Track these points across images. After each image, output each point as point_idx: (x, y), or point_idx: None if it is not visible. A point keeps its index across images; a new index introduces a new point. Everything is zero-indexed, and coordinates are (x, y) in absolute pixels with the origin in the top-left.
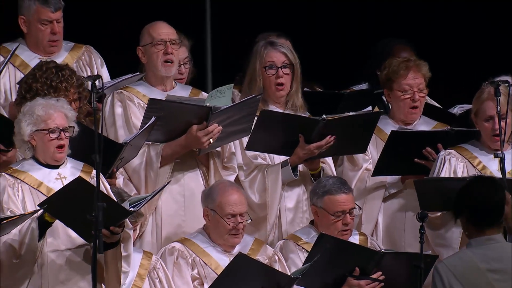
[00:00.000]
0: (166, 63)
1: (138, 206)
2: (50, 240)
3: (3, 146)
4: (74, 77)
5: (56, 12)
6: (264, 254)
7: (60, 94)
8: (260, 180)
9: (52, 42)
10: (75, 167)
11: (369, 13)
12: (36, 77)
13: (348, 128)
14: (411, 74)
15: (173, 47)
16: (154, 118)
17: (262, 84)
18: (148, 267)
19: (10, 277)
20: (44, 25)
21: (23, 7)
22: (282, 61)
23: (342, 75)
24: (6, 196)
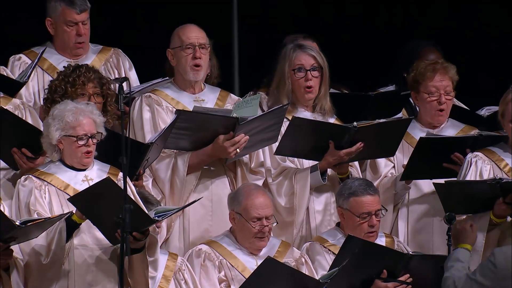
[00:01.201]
0: (195, 67)
1: (163, 217)
2: (77, 239)
3: (30, 154)
4: (92, 73)
5: (82, 13)
6: (291, 257)
7: (78, 88)
8: (288, 184)
9: (78, 44)
10: (101, 169)
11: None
12: (56, 77)
13: (379, 134)
14: (437, 76)
15: (202, 51)
16: (176, 116)
17: (291, 87)
18: (173, 268)
19: (39, 278)
20: (69, 26)
21: (49, 9)
22: (311, 64)
23: (369, 77)
24: (33, 198)
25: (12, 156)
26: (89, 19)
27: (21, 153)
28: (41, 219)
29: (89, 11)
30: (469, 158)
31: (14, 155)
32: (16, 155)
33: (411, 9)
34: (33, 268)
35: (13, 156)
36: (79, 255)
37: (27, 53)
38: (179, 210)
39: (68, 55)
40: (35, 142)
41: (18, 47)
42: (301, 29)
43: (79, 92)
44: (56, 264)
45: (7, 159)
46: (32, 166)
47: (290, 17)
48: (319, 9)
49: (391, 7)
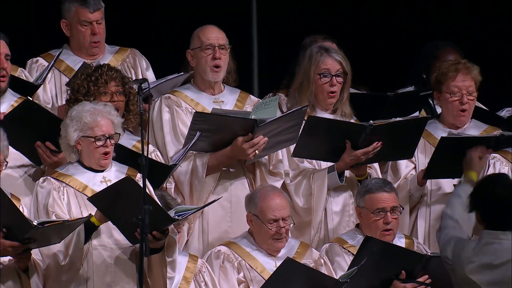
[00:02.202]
0: (214, 68)
1: (183, 216)
2: (95, 240)
3: (54, 147)
4: (114, 72)
5: (95, 12)
6: (310, 258)
7: (100, 86)
8: (306, 184)
9: (93, 44)
10: (120, 170)
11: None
12: (78, 75)
13: (395, 133)
14: (460, 76)
15: (222, 52)
16: (198, 134)
17: (314, 90)
18: (193, 270)
19: (57, 280)
20: (84, 26)
21: (64, 10)
22: (337, 70)
23: (388, 78)
24: (52, 200)
25: (35, 151)
26: (103, 18)
27: (45, 146)
28: (59, 221)
29: (103, 11)
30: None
31: (38, 149)
32: (40, 149)
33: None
34: (51, 270)
35: (37, 150)
36: (98, 255)
37: (45, 55)
38: (198, 209)
39: (84, 55)
40: (58, 134)
41: (36, 50)
42: (320, 30)
43: (101, 90)
44: (74, 266)
45: (30, 153)
46: (55, 160)
47: (309, 18)
48: (338, 10)
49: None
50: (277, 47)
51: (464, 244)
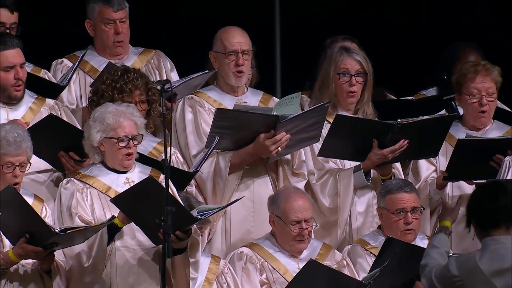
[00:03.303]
0: (237, 73)
1: (205, 215)
2: (119, 241)
3: (78, 157)
4: (139, 80)
5: (119, 11)
6: (332, 259)
7: (125, 95)
8: (332, 184)
9: (117, 43)
10: (143, 171)
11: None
12: (103, 79)
13: (422, 132)
14: (479, 77)
15: (245, 57)
16: (217, 138)
17: (334, 90)
18: (216, 271)
19: (80, 281)
20: (107, 25)
21: (88, 11)
22: (357, 69)
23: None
24: (75, 201)
25: (59, 160)
26: (127, 18)
27: (68, 156)
28: (81, 227)
29: (127, 10)
30: (507, 161)
31: (62, 159)
32: (64, 159)
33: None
34: (74, 271)
35: (60, 159)
36: (121, 257)
37: (69, 57)
38: (221, 209)
39: (108, 55)
40: (81, 145)
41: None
42: (343, 32)
43: (126, 99)
44: (97, 267)
45: (53, 161)
46: (79, 170)
47: (332, 20)
48: (360, 11)
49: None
50: (300, 49)
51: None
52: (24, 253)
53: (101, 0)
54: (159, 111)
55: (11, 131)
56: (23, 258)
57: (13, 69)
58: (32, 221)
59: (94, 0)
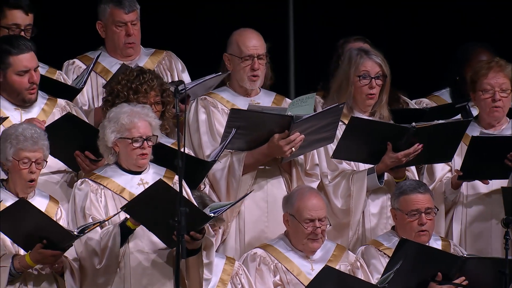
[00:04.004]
0: (252, 77)
1: (218, 212)
2: (132, 244)
3: (93, 156)
4: (155, 81)
5: (130, 13)
6: (346, 261)
7: (140, 96)
8: (345, 185)
9: (128, 45)
10: (157, 172)
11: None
12: (118, 80)
13: (437, 136)
14: (492, 73)
15: (260, 62)
16: (234, 130)
17: (353, 92)
18: (230, 272)
19: (93, 282)
20: (118, 27)
21: (99, 12)
22: (376, 72)
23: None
24: (89, 202)
25: (74, 159)
26: (139, 20)
27: (84, 156)
28: (96, 224)
29: (138, 12)
30: None
31: (77, 158)
32: (79, 158)
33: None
34: (87, 272)
35: (76, 159)
36: (135, 259)
37: (81, 57)
38: (233, 204)
39: (119, 56)
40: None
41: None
42: (355, 33)
43: (141, 100)
44: (109, 270)
45: (69, 161)
46: (94, 169)
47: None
48: (373, 12)
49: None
50: (313, 50)
51: None
52: (42, 258)
53: (112, 2)
54: (173, 112)
55: (28, 128)
56: (40, 262)
57: (27, 73)
58: (49, 228)
59: (105, 1)
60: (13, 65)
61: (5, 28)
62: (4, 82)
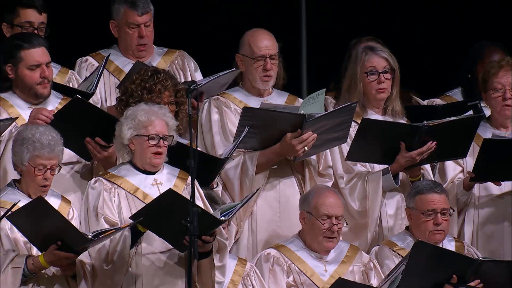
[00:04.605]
0: (265, 77)
1: (229, 215)
2: (145, 244)
3: (104, 142)
4: (169, 81)
5: (143, 15)
6: (359, 261)
7: (154, 96)
8: (361, 187)
9: (140, 46)
10: (171, 173)
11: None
12: (133, 79)
13: (449, 133)
14: (502, 72)
15: (272, 62)
16: (247, 128)
17: (362, 89)
18: (241, 273)
19: (103, 283)
20: (131, 28)
21: (113, 11)
22: (384, 66)
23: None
24: (101, 201)
25: (85, 147)
26: (152, 21)
27: (94, 142)
28: (111, 230)
29: (152, 14)
30: None
31: (88, 145)
32: (90, 145)
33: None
34: (97, 273)
35: (87, 146)
36: (146, 259)
37: (94, 55)
38: (242, 205)
39: (131, 56)
40: (107, 130)
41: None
42: (367, 33)
43: (154, 100)
44: (119, 271)
45: (79, 150)
46: (106, 155)
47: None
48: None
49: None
50: (325, 50)
51: None
52: (56, 260)
53: (126, 3)
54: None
55: (45, 133)
56: (54, 264)
57: (38, 67)
58: (65, 230)
59: (119, 1)
60: (24, 59)
61: (18, 26)
62: (16, 77)
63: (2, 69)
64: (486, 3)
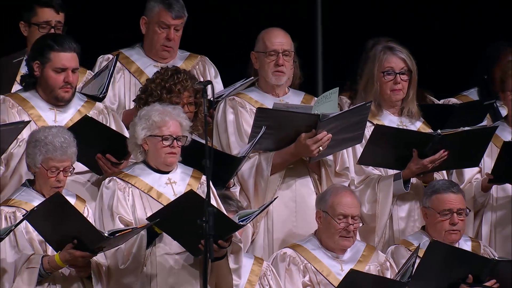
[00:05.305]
0: (277, 72)
1: (246, 221)
2: (161, 244)
3: (115, 159)
4: (189, 81)
5: (176, 19)
6: (375, 261)
7: (173, 96)
8: (371, 191)
9: (164, 47)
10: (185, 172)
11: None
12: (153, 79)
13: (463, 142)
14: None
15: (285, 59)
16: (264, 128)
17: (379, 89)
18: (258, 273)
19: (117, 283)
20: (161, 28)
21: (147, 8)
22: (401, 67)
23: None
24: (116, 200)
25: (96, 162)
26: (182, 27)
27: (105, 159)
28: (128, 229)
29: (184, 20)
30: None
31: (99, 161)
32: (101, 161)
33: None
34: (112, 272)
35: (98, 162)
36: (162, 259)
37: (115, 53)
38: (260, 211)
39: (154, 56)
40: (118, 148)
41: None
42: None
43: (174, 100)
44: (135, 271)
45: (91, 165)
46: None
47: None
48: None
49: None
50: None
51: None
52: (72, 259)
53: (163, 3)
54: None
55: (58, 135)
56: (69, 263)
57: (64, 71)
58: (81, 227)
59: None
60: (52, 61)
61: (35, 25)
62: (41, 76)
63: (30, 65)
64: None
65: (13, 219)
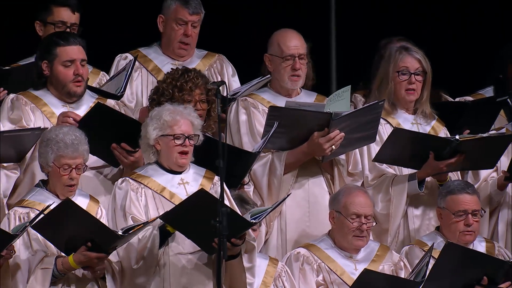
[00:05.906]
0: (293, 77)
1: (259, 218)
2: (173, 244)
3: (130, 147)
4: (200, 79)
5: (193, 15)
6: (389, 261)
7: (185, 94)
8: (385, 190)
9: (182, 44)
10: (197, 172)
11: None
12: (164, 79)
13: (480, 148)
14: None
15: (301, 62)
16: (276, 123)
17: (393, 88)
18: (273, 274)
19: (131, 283)
20: (179, 24)
21: (164, 6)
22: (416, 68)
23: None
24: (128, 201)
25: (111, 153)
26: (199, 24)
27: (120, 148)
28: (140, 225)
29: (202, 16)
30: None
31: (114, 151)
32: (116, 151)
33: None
34: (125, 272)
35: (113, 152)
36: (175, 259)
37: (133, 53)
38: (273, 209)
39: (171, 53)
40: (133, 134)
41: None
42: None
43: (186, 98)
44: (148, 270)
45: (106, 156)
46: (133, 160)
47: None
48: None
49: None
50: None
51: None
52: (86, 260)
53: (179, 0)
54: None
55: (69, 133)
56: (84, 265)
57: (73, 64)
58: (95, 229)
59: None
60: (59, 56)
61: (51, 24)
62: (51, 74)
63: (38, 66)
64: None
65: (26, 220)
